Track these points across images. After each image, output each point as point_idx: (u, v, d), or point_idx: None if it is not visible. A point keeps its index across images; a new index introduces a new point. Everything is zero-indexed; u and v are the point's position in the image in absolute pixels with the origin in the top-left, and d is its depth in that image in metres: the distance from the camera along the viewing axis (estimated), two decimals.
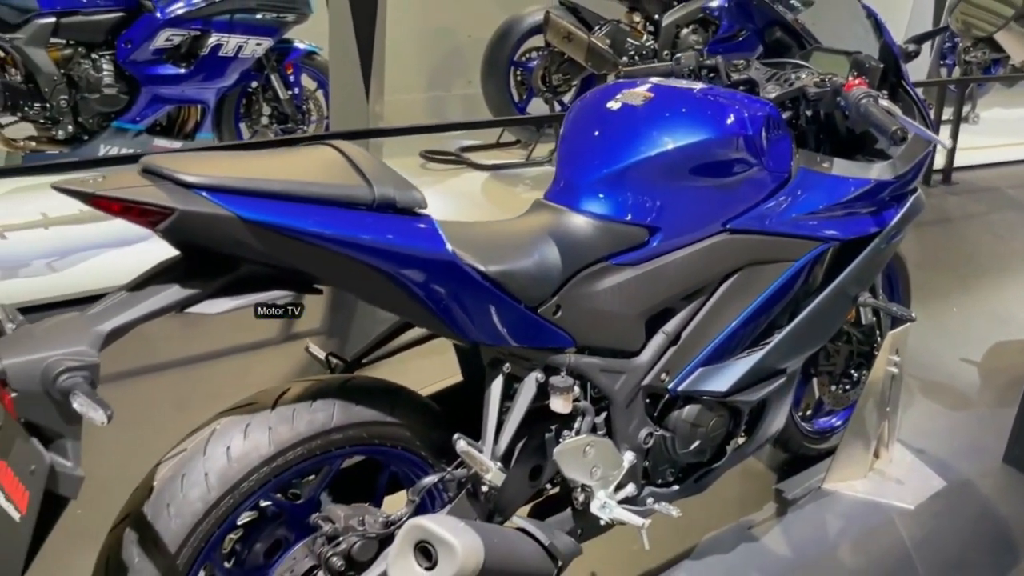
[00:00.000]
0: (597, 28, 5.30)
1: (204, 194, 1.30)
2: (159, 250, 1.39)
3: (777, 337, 2.02)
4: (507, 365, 1.69)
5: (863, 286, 2.19)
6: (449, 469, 1.67)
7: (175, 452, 1.51)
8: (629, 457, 1.88)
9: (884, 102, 1.95)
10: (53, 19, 4.13)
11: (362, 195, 1.42)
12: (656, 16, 5.39)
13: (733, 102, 1.91)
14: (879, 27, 2.20)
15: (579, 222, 1.79)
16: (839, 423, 2.71)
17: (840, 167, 2.07)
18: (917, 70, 5.97)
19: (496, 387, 1.69)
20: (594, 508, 1.84)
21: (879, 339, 2.50)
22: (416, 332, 1.89)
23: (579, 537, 1.90)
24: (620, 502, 1.86)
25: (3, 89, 4.14)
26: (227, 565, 1.63)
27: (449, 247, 1.50)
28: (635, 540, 2.31)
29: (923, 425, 2.92)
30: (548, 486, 1.93)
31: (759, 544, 2.37)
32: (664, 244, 1.84)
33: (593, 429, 1.82)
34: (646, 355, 1.88)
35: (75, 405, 1.21)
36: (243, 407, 1.56)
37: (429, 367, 1.97)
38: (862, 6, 2.22)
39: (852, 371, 2.58)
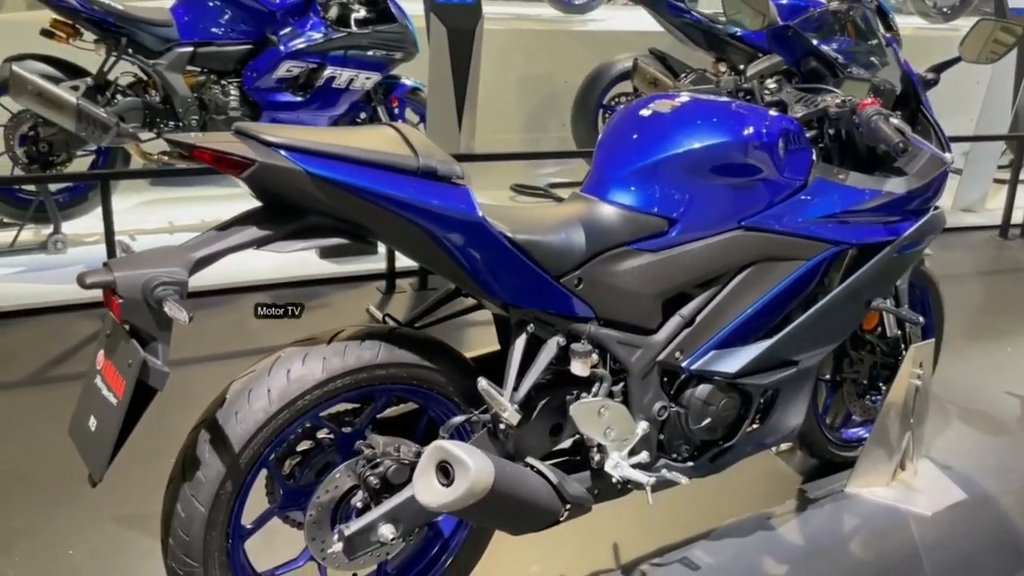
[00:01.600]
0: (683, 76, 5.58)
1: (280, 151, 1.63)
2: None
3: (788, 328, 2.22)
4: (531, 326, 1.95)
5: (877, 292, 2.38)
6: (476, 412, 1.93)
7: (245, 373, 1.82)
8: (643, 426, 2.10)
9: (895, 120, 2.17)
10: (191, 49, 4.65)
11: (409, 163, 1.73)
12: (741, 66, 5.62)
13: (754, 113, 2.16)
14: (897, 57, 2.42)
15: (606, 210, 2.05)
16: (867, 435, 2.86)
17: (855, 179, 2.28)
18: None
19: (520, 342, 1.95)
20: (607, 467, 2.08)
21: (904, 353, 2.66)
22: (464, 302, 2.17)
23: (594, 497, 2.13)
24: (633, 466, 2.09)
25: (144, 107, 4.67)
26: (285, 479, 1.92)
27: (480, 212, 1.78)
28: (654, 517, 2.55)
29: (954, 445, 3.04)
30: (568, 450, 2.16)
31: (775, 533, 2.55)
32: (682, 235, 2.08)
33: (610, 396, 2.06)
34: (662, 334, 2.12)
35: (166, 309, 1.54)
36: (304, 341, 1.86)
37: (473, 337, 2.24)
38: (884, 37, 2.44)
39: (879, 384, 2.74)
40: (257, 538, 1.98)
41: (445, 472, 1.74)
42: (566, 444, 2.15)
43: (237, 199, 5.42)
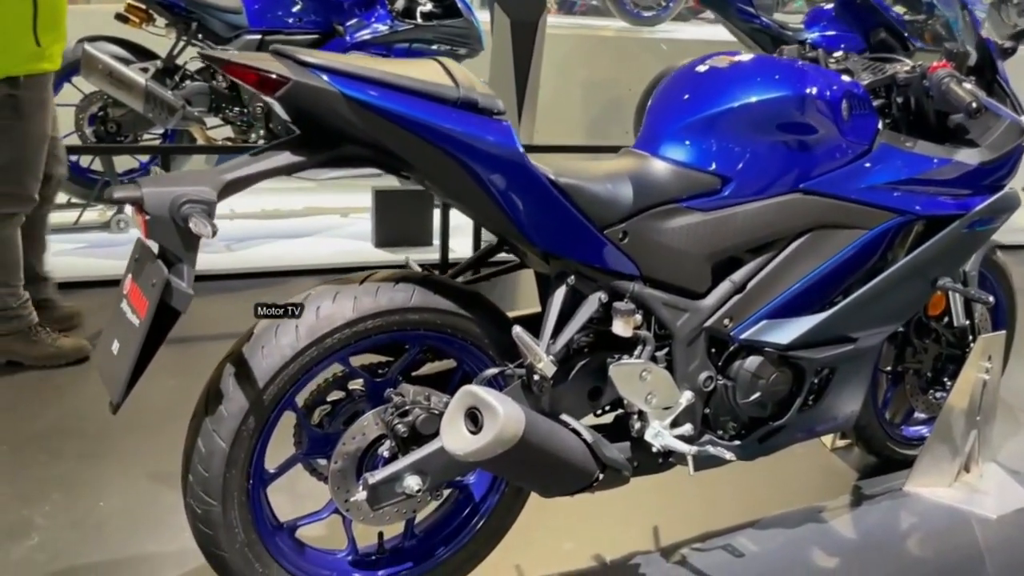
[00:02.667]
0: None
1: (316, 72, 1.58)
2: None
3: (846, 301, 2.11)
4: (572, 277, 1.87)
5: (944, 270, 2.24)
6: (511, 366, 1.85)
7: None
8: (687, 396, 2.00)
9: (968, 84, 2.05)
10: (259, 36, 4.68)
11: (448, 93, 1.67)
12: None
13: (818, 71, 2.07)
14: (974, 23, 2.30)
15: (656, 165, 1.97)
16: (929, 433, 2.71)
17: (924, 148, 2.17)
18: None
19: (559, 294, 1.86)
20: (648, 435, 1.98)
21: (972, 344, 2.52)
22: (505, 258, 2.11)
23: (633, 468, 2.03)
24: (675, 438, 1.99)
25: (210, 92, 4.71)
26: (313, 426, 1.86)
27: (521, 148, 1.71)
28: (697, 502, 2.44)
29: None
30: (609, 425, 2.07)
31: (826, 526, 2.42)
32: (735, 194, 1.99)
33: (654, 361, 1.97)
34: (711, 299, 2.02)
35: (191, 225, 1.50)
36: (335, 281, 1.81)
37: (515, 301, 2.17)
38: (960, 3, 2.32)
39: (944, 378, 2.60)
40: (282, 491, 1.93)
41: (474, 419, 1.66)
42: (607, 419, 2.06)
43: (300, 190, 5.47)
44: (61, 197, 4.71)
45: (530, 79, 4.44)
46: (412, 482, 1.78)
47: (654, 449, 1.99)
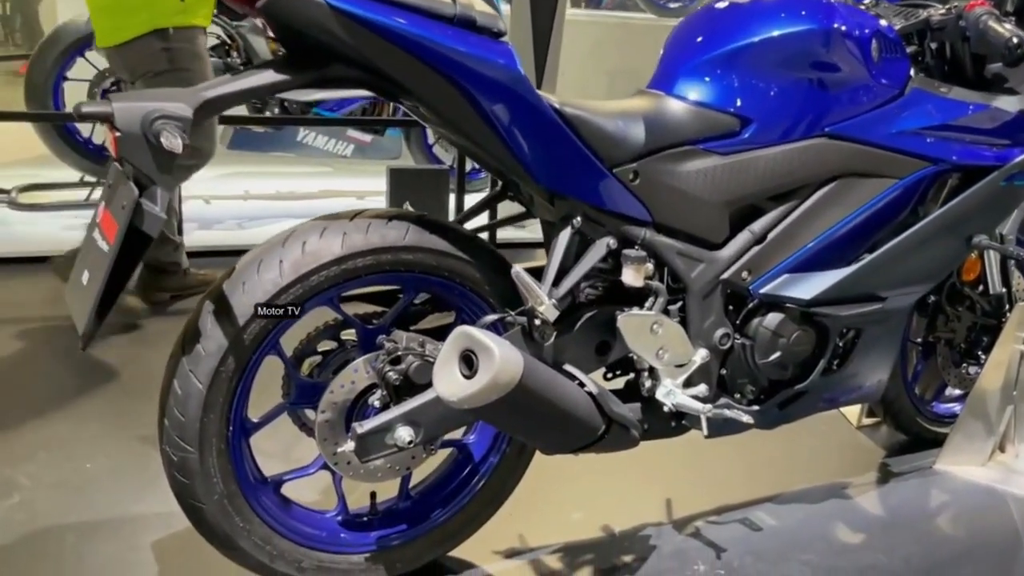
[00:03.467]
0: None
1: None
2: None
3: (873, 255, 1.97)
4: (578, 220, 1.74)
5: (980, 227, 2.10)
6: (512, 313, 1.73)
7: (258, 247, 1.66)
8: (702, 354, 1.87)
9: (1008, 24, 1.91)
10: None
11: (445, 9, 1.54)
12: None
13: (845, 8, 1.93)
14: None
15: (672, 104, 1.84)
16: (962, 409, 2.55)
17: (959, 94, 2.02)
18: None
19: (564, 237, 1.74)
20: (659, 394, 1.85)
21: (1008, 314, 2.36)
22: (508, 208, 1.99)
23: (643, 431, 1.90)
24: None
25: (225, 69, 4.63)
26: (301, 374, 1.75)
27: (522, 72, 1.59)
28: (713, 473, 2.31)
29: None
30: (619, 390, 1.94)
31: (851, 502, 2.27)
32: (756, 137, 1.86)
33: (666, 315, 1.84)
34: (729, 249, 1.89)
35: (163, 140, 1.39)
36: (324, 217, 1.69)
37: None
38: None
39: (978, 352, 2.45)
40: (268, 442, 1.82)
41: (468, 362, 1.54)
42: (618, 383, 1.93)
43: (316, 174, 5.38)
44: (73, 175, 4.68)
45: (550, 53, 4.31)
46: (404, 433, 1.66)
47: (665, 409, 1.86)
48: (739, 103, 1.85)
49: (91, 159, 4.69)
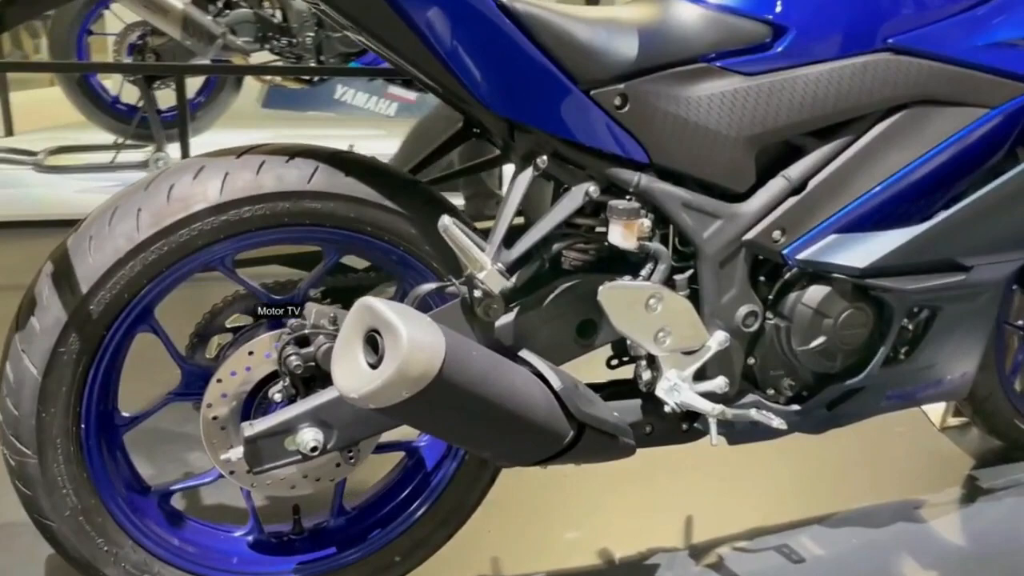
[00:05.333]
0: None
1: None
2: None
3: (953, 209, 1.49)
4: (543, 159, 1.32)
5: None
6: (456, 281, 1.32)
7: (117, 193, 1.28)
8: (719, 338, 1.43)
9: None
10: None
11: None
12: None
13: None
14: None
15: (679, 9, 1.39)
16: None
17: None
18: None
19: (522, 181, 1.32)
20: (660, 390, 1.42)
21: None
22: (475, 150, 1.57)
23: (647, 436, 1.48)
24: (702, 395, 1.43)
25: (256, 20, 4.32)
26: (185, 355, 1.38)
27: None
28: (747, 488, 1.87)
29: None
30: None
31: (923, 528, 1.79)
32: (794, 51, 1.39)
33: (671, 287, 1.40)
34: (756, 202, 1.43)
35: None
36: (207, 154, 1.31)
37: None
38: None
39: None
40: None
41: (375, 346, 1.14)
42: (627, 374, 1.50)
43: (366, 136, 5.06)
44: (96, 135, 4.44)
45: None
46: (308, 437, 1.27)
47: (666, 410, 1.42)
48: (769, 4, 1.38)
49: (119, 118, 4.45)
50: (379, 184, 1.32)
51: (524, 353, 1.32)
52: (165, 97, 4.46)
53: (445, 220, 1.23)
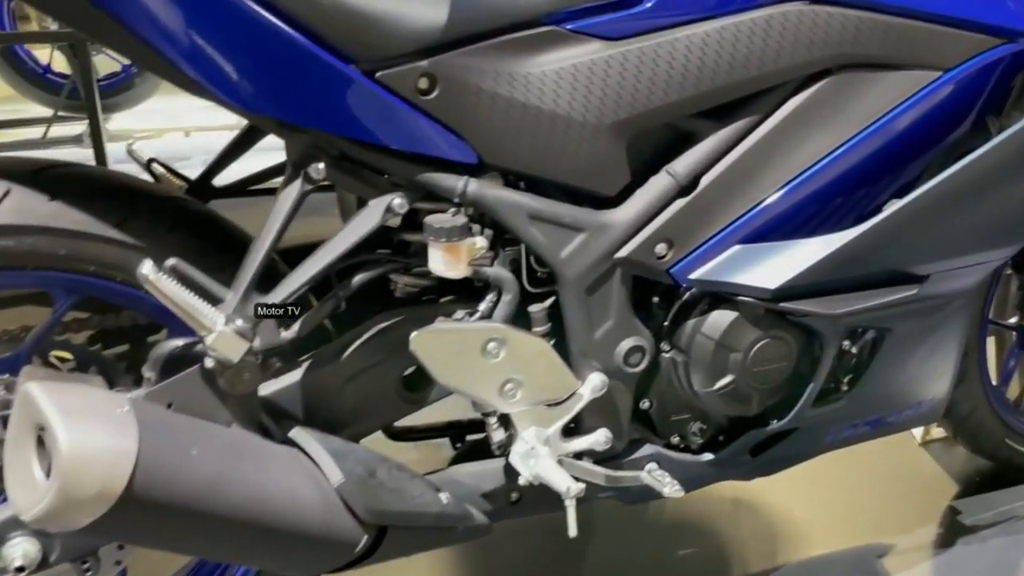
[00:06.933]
0: None
1: None
2: None
3: (898, 204, 1.12)
4: (318, 167, 0.97)
5: None
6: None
7: None
8: (593, 382, 1.09)
9: None
10: None
11: None
12: None
13: None
14: None
15: None
16: None
17: None
18: None
19: (288, 197, 0.97)
20: (515, 456, 1.09)
21: None
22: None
23: (513, 505, 1.16)
24: (576, 456, 1.10)
25: None
26: None
27: None
28: (679, 535, 1.56)
29: None
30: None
31: None
32: (671, 5, 1.03)
33: (527, 324, 1.06)
34: (631, 208, 1.08)
35: None
36: None
37: None
38: None
39: None
40: None
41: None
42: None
43: None
44: (25, 108, 4.13)
45: None
46: (19, 550, 0.95)
47: (521, 482, 1.09)
48: None
49: (51, 90, 4.12)
50: (106, 207, 0.98)
51: (296, 434, 0.98)
52: (105, 64, 4.13)
53: (146, 268, 0.89)
